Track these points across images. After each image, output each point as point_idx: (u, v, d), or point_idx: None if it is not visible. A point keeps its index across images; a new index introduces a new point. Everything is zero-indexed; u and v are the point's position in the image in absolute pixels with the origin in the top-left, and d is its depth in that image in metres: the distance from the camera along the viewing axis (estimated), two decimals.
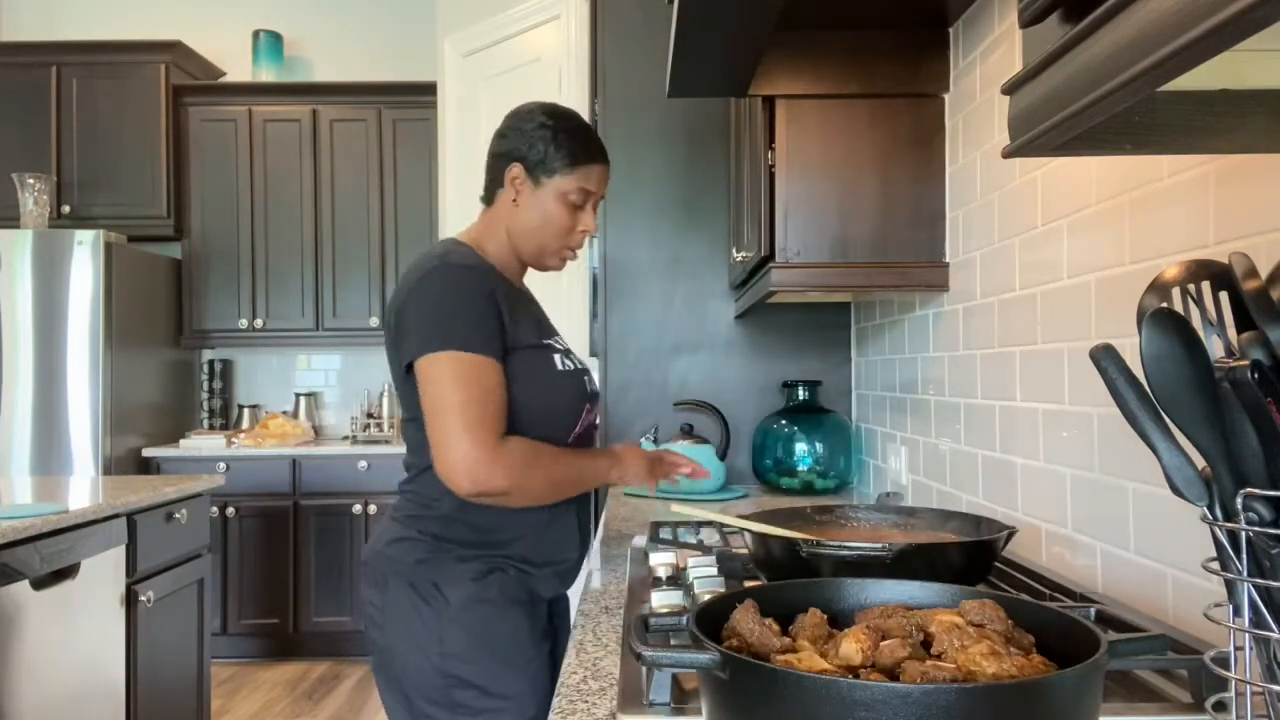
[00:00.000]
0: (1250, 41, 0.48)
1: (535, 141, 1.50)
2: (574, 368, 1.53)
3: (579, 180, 1.51)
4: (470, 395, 1.34)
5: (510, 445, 1.36)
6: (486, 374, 1.36)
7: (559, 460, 1.42)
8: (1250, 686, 0.67)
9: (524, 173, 1.51)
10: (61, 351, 4.10)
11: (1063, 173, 1.40)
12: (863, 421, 2.71)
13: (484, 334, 1.37)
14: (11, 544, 2.10)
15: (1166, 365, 0.65)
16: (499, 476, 1.33)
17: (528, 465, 1.37)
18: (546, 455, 1.40)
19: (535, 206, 1.51)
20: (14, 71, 4.55)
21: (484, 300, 1.39)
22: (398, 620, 1.43)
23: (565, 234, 1.53)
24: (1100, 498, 1.29)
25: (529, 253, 1.54)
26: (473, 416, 1.33)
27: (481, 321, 1.37)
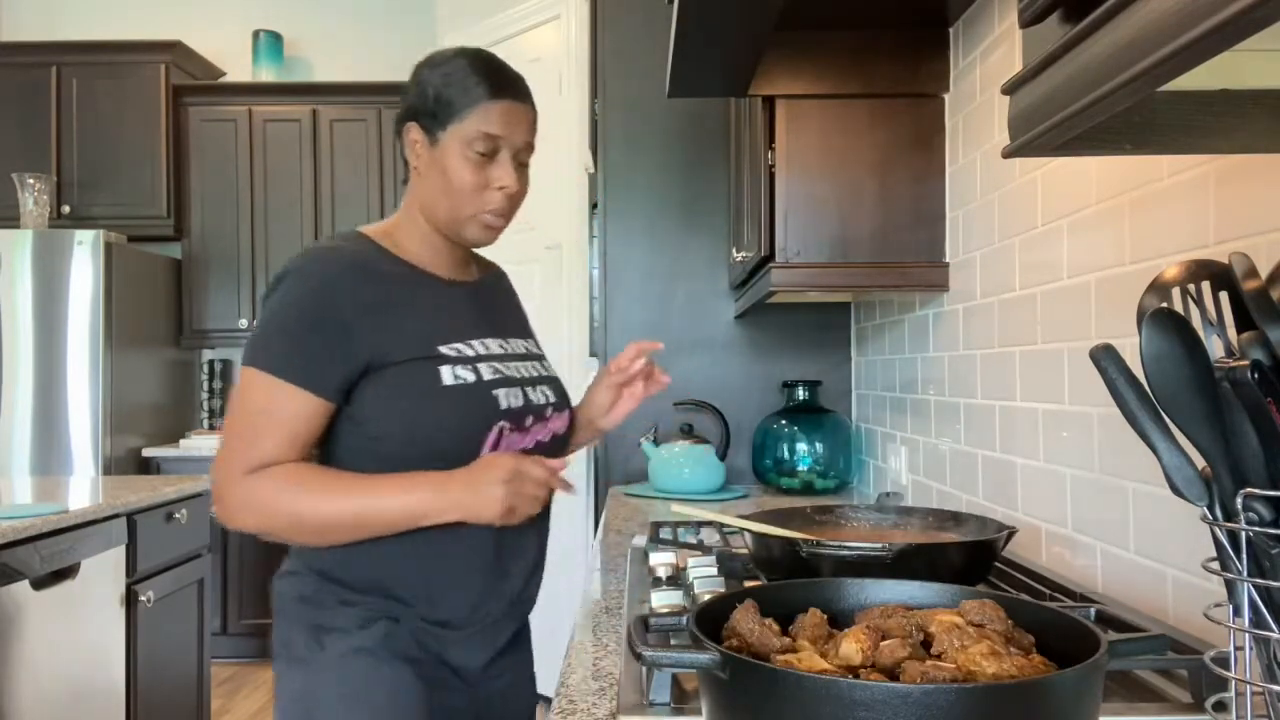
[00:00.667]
0: (1250, 41, 0.48)
1: (425, 90, 1.26)
2: (474, 380, 1.24)
3: (478, 123, 1.24)
4: (246, 422, 1.17)
5: (259, 479, 1.16)
6: (279, 401, 1.17)
7: (330, 496, 1.17)
8: (1250, 686, 0.67)
9: (421, 133, 1.27)
10: (61, 351, 4.10)
11: (1063, 173, 1.40)
12: (863, 421, 2.71)
13: (299, 356, 1.17)
14: (11, 544, 2.10)
15: (1166, 365, 0.65)
16: (232, 512, 1.17)
17: (268, 506, 1.16)
18: (313, 490, 1.17)
19: (437, 166, 1.26)
20: (14, 71, 4.55)
21: (318, 314, 1.18)
22: (283, 661, 1.25)
23: (475, 194, 1.26)
24: (1100, 498, 1.29)
25: (444, 225, 1.29)
26: (236, 444, 1.17)
27: (303, 340, 1.17)
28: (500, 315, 1.40)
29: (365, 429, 1.20)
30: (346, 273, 1.21)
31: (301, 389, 1.17)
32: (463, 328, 1.29)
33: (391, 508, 1.17)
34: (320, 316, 1.18)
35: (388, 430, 1.20)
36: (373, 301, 1.21)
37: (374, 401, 1.20)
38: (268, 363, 1.17)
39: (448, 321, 1.28)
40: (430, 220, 1.30)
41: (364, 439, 1.21)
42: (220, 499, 1.17)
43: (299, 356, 1.17)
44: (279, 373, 1.17)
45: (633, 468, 2.86)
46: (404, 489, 1.17)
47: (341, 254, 1.23)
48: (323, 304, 1.18)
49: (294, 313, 1.18)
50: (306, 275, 1.20)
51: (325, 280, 1.19)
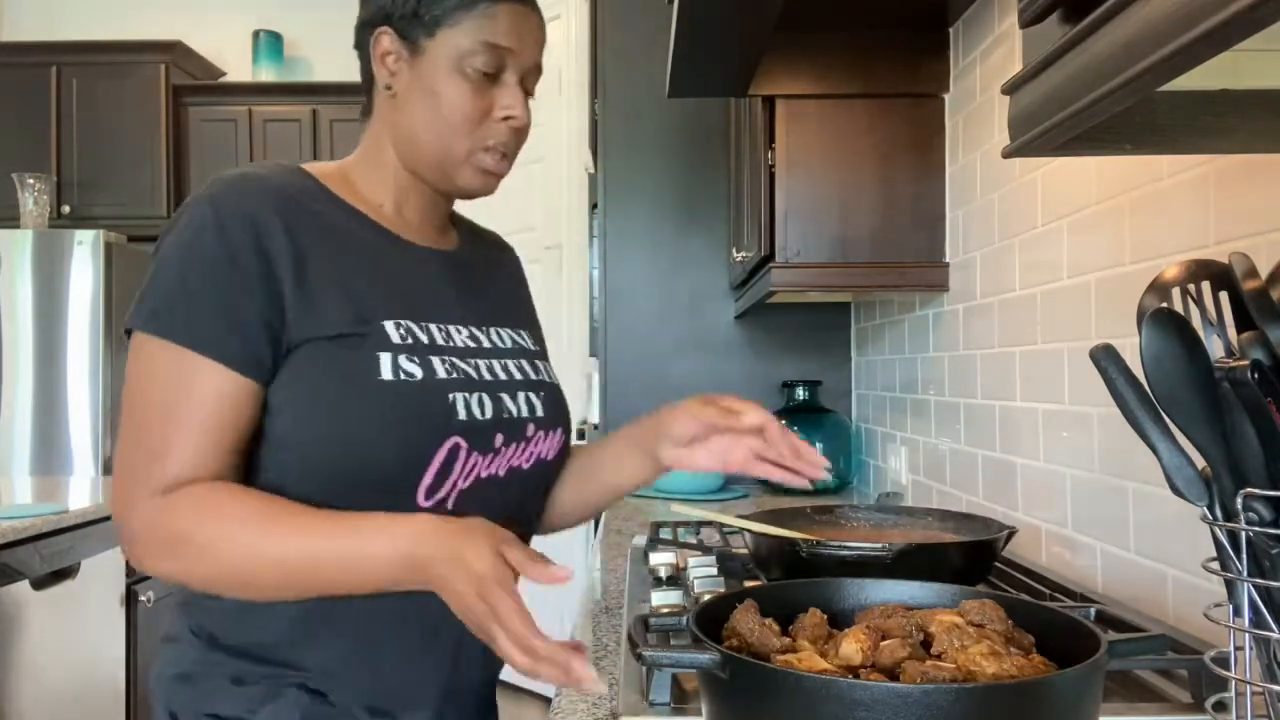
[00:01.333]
0: (1250, 41, 0.48)
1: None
2: (421, 376, 0.91)
3: (477, 30, 0.94)
4: (147, 417, 0.85)
5: (177, 501, 0.83)
6: (190, 382, 0.85)
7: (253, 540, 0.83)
8: (1250, 686, 0.67)
9: (397, 40, 0.96)
10: (61, 351, 4.10)
11: (1063, 173, 1.40)
12: (863, 421, 2.71)
13: (218, 315, 0.86)
14: (11, 544, 2.10)
15: (1166, 365, 0.65)
16: (142, 545, 0.85)
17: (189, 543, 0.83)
18: (249, 527, 0.83)
19: (423, 87, 0.95)
20: (14, 71, 4.55)
21: (237, 257, 0.86)
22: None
23: (473, 123, 0.96)
24: (1100, 498, 1.29)
25: (428, 168, 0.98)
26: (137, 453, 0.85)
27: (218, 294, 0.86)
28: (484, 297, 1.07)
29: (271, 426, 0.89)
30: (271, 205, 0.90)
31: (218, 362, 0.85)
32: (424, 306, 0.97)
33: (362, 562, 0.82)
34: (236, 261, 0.86)
35: (298, 434, 0.88)
36: (304, 248, 0.90)
37: (284, 389, 0.88)
38: (168, 328, 0.85)
39: (404, 294, 0.96)
40: (407, 160, 0.99)
41: (270, 442, 0.89)
42: (127, 533, 0.85)
43: (211, 315, 0.85)
44: (185, 340, 0.85)
45: None
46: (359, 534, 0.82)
47: (267, 183, 0.92)
48: (238, 244, 0.86)
49: (200, 256, 0.86)
50: (216, 207, 0.88)
51: (242, 214, 0.88)
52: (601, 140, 2.91)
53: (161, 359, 0.86)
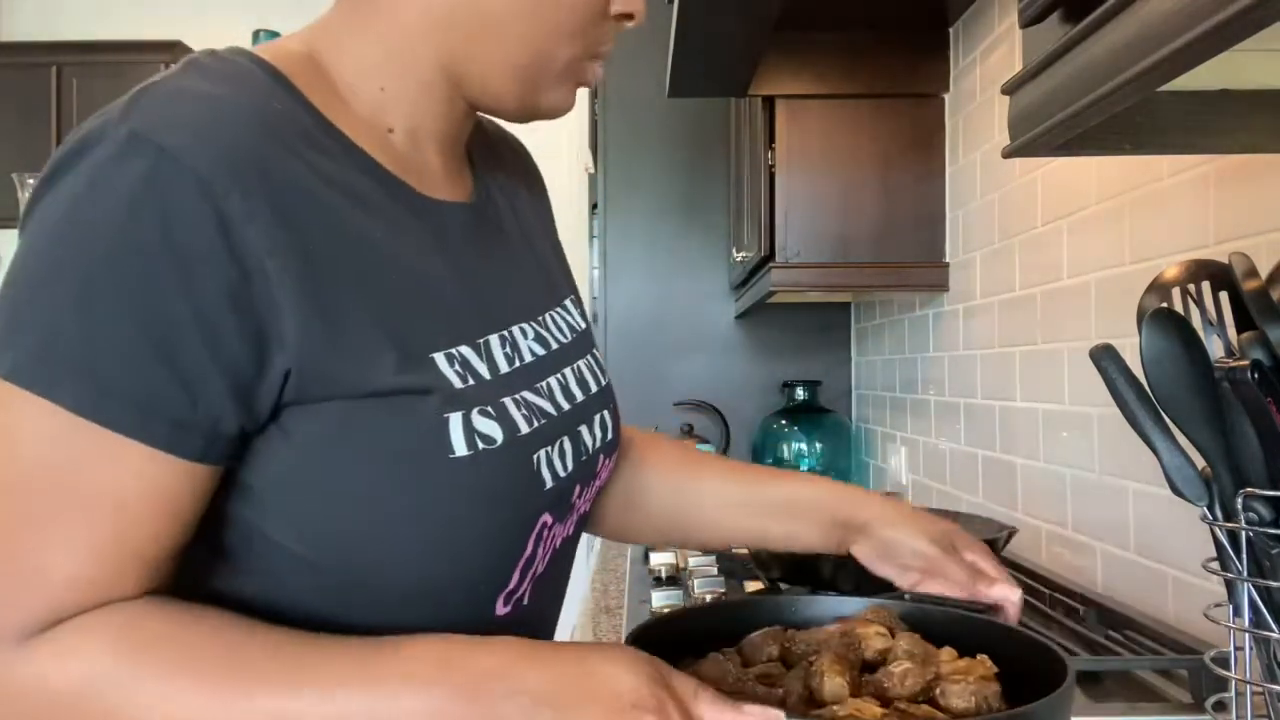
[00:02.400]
0: (1250, 41, 0.48)
1: None
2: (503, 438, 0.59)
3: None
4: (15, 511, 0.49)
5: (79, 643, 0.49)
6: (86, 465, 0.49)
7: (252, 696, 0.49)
8: (1250, 686, 0.67)
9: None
10: None
11: (1063, 173, 1.40)
12: (863, 421, 2.71)
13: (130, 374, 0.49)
14: None
15: (1166, 365, 0.65)
16: None
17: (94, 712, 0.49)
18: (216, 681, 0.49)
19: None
20: (14, 71, 4.55)
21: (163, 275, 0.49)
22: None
23: (597, 16, 0.66)
24: (1100, 498, 1.29)
25: (504, 74, 0.63)
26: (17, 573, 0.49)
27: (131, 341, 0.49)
28: (527, 261, 0.72)
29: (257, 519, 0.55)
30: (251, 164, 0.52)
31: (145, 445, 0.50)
32: (472, 306, 0.63)
33: None
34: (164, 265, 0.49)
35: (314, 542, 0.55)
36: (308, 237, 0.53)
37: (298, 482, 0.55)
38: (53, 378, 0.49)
39: (445, 294, 0.61)
40: (462, 60, 0.62)
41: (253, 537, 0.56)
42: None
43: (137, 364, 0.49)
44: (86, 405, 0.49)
45: None
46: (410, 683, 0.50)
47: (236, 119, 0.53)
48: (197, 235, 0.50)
49: (126, 252, 0.49)
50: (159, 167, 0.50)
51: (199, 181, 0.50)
52: (601, 140, 2.91)
53: (38, 425, 0.49)
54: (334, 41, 0.63)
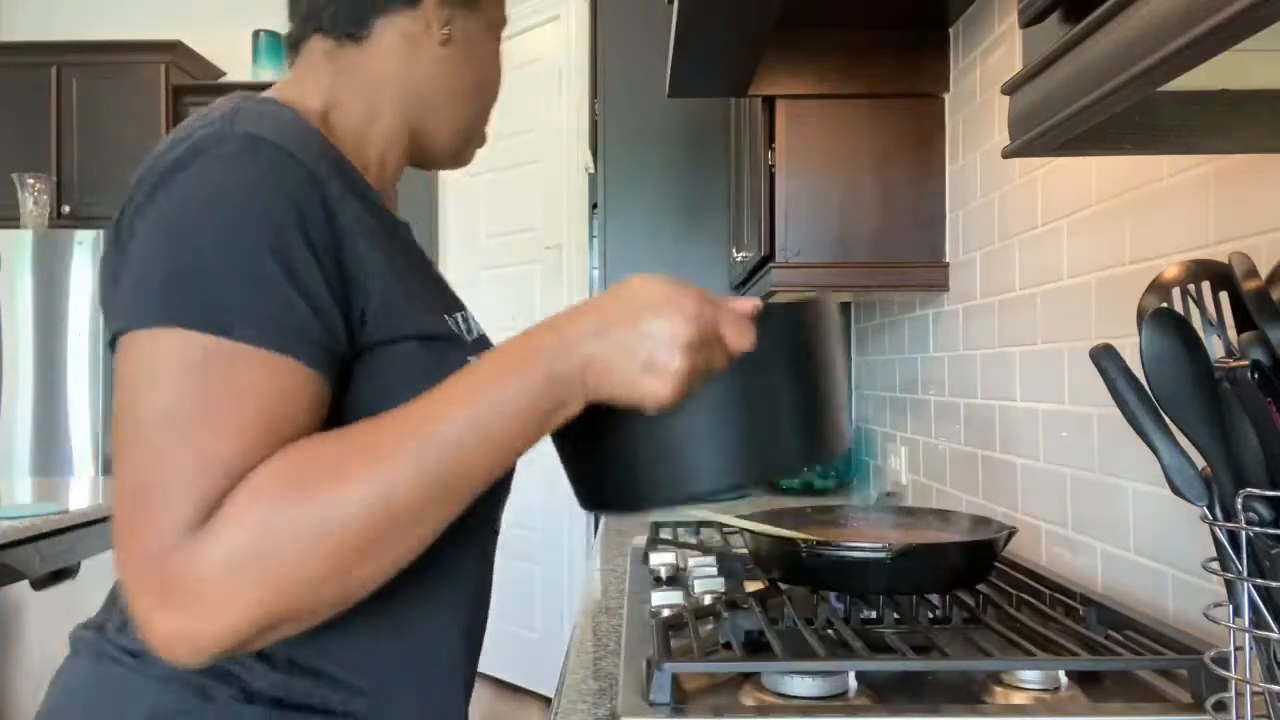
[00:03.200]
0: (1250, 41, 0.48)
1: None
2: None
3: (501, 6, 0.89)
4: (191, 428, 0.60)
5: (228, 521, 0.59)
6: (249, 384, 0.62)
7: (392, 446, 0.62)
8: (1250, 686, 0.67)
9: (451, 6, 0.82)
10: (61, 352, 4.10)
11: (1063, 173, 1.40)
12: (863, 421, 2.71)
13: (269, 302, 0.64)
14: (11, 544, 2.10)
15: (1166, 365, 0.65)
16: (214, 615, 0.58)
17: (293, 540, 0.59)
18: (355, 463, 0.62)
19: (479, 48, 0.86)
20: (14, 71, 4.55)
21: (292, 224, 0.65)
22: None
23: (494, 100, 0.91)
24: (1100, 498, 1.29)
25: (450, 135, 0.87)
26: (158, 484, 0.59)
27: (272, 268, 0.64)
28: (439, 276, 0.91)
29: None
30: (322, 162, 0.70)
31: (282, 356, 0.63)
32: (446, 292, 0.86)
33: (512, 408, 0.64)
34: (297, 225, 0.65)
35: None
36: (364, 221, 0.71)
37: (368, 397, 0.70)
38: (206, 314, 0.62)
39: (431, 280, 0.84)
40: (434, 119, 0.85)
41: None
42: (164, 600, 0.58)
43: (265, 295, 0.63)
44: (231, 329, 0.62)
45: None
46: (511, 372, 0.65)
47: (301, 127, 0.72)
48: (299, 202, 0.66)
49: (244, 214, 0.64)
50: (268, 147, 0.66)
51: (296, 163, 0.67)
52: (601, 140, 2.91)
53: (189, 355, 0.61)
54: (333, 103, 0.81)
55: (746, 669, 0.93)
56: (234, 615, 0.58)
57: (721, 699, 0.89)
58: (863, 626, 1.07)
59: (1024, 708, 0.86)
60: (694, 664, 0.93)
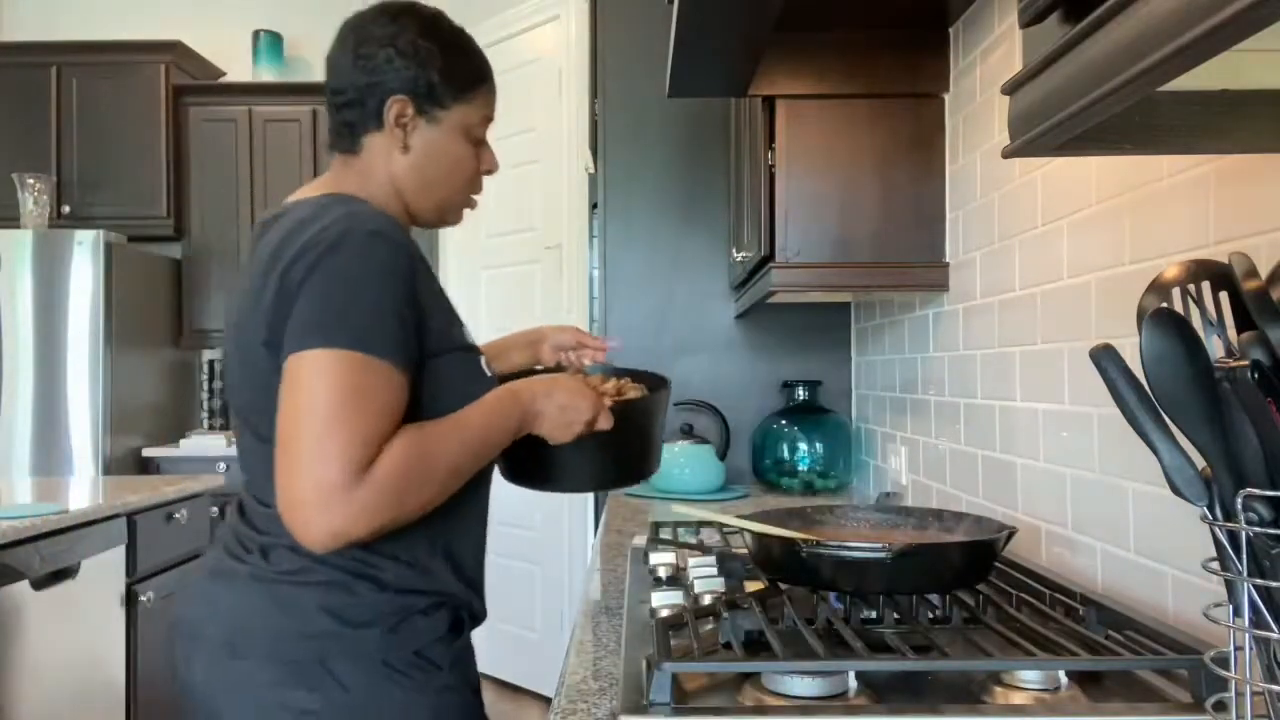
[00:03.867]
0: (1250, 41, 0.48)
1: (416, 64, 1.15)
2: (490, 374, 1.20)
3: (482, 107, 1.21)
4: (341, 410, 0.97)
5: (380, 465, 0.98)
6: (373, 381, 1.00)
7: (448, 446, 1.06)
8: (1250, 686, 0.67)
9: (412, 109, 1.16)
10: (61, 351, 4.10)
11: (1063, 173, 1.40)
12: (863, 421, 2.71)
13: (386, 326, 1.02)
14: (11, 544, 2.10)
15: (1166, 365, 0.65)
16: (360, 518, 0.96)
17: (405, 486, 1.00)
18: (431, 449, 1.04)
19: (436, 149, 1.18)
20: (14, 71, 4.55)
21: (403, 285, 1.05)
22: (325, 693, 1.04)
23: (472, 179, 1.24)
24: (1100, 498, 1.29)
25: (428, 209, 1.22)
26: (338, 436, 0.96)
27: (388, 309, 1.03)
28: None
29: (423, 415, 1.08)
30: (408, 239, 1.09)
31: (394, 366, 1.02)
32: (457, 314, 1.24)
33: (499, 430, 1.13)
34: (405, 287, 1.05)
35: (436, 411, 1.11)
36: (426, 276, 1.10)
37: (431, 391, 1.09)
38: (354, 340, 1.00)
39: (450, 306, 1.21)
40: (412, 200, 1.21)
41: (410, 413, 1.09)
42: (331, 507, 0.95)
43: (387, 327, 1.02)
44: (369, 349, 1.00)
45: None
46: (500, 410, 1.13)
47: (391, 220, 1.10)
48: (405, 273, 1.05)
49: (377, 281, 1.03)
50: (384, 240, 1.05)
51: (402, 247, 1.07)
52: (601, 140, 2.91)
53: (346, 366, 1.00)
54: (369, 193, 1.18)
55: (746, 669, 0.93)
56: (370, 523, 0.98)
57: (721, 699, 0.89)
58: (863, 626, 1.07)
59: (1024, 708, 0.86)
60: (694, 664, 0.93)
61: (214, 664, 1.09)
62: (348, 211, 1.07)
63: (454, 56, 1.18)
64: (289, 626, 1.06)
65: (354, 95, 1.17)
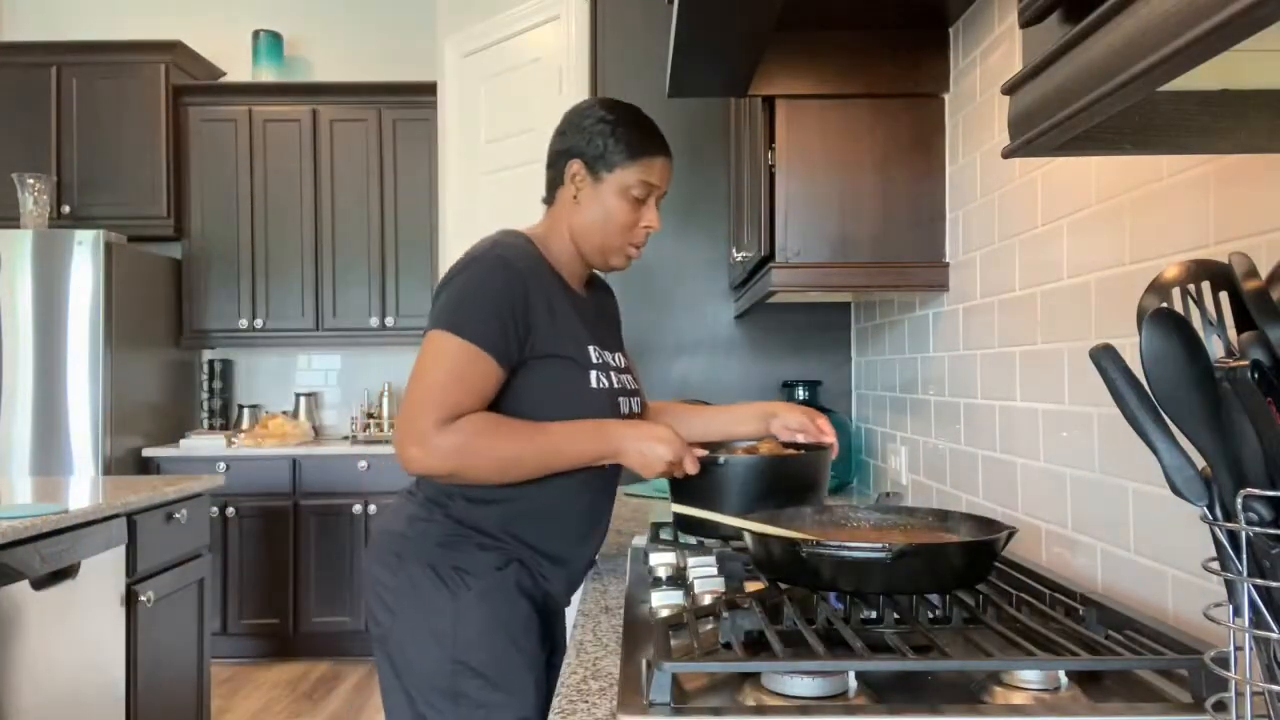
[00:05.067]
0: (1250, 41, 0.48)
1: (594, 136, 1.49)
2: (610, 386, 1.49)
3: (640, 173, 1.49)
4: (440, 377, 1.34)
5: (457, 426, 1.33)
6: (469, 362, 1.35)
7: (517, 439, 1.37)
8: (1250, 686, 0.67)
9: (584, 168, 1.49)
10: (61, 351, 4.10)
11: (1063, 173, 1.40)
12: (863, 421, 2.71)
13: (490, 327, 1.36)
14: (11, 544, 2.10)
15: (1166, 365, 0.65)
16: (434, 456, 1.33)
17: (470, 449, 1.34)
18: (502, 434, 1.37)
19: (596, 202, 1.49)
20: (14, 71, 4.55)
21: (508, 296, 1.38)
22: (411, 601, 1.42)
23: (627, 230, 1.50)
24: (1100, 498, 1.29)
25: (590, 251, 1.52)
26: (434, 395, 1.33)
27: (494, 314, 1.36)
28: (605, 330, 1.61)
29: (510, 404, 1.40)
30: (528, 266, 1.43)
31: (490, 355, 1.36)
32: (593, 334, 1.52)
33: (577, 449, 1.40)
34: (508, 298, 1.38)
35: (541, 416, 1.40)
36: (542, 295, 1.43)
37: (531, 387, 1.41)
38: (463, 329, 1.35)
39: (586, 327, 1.51)
40: (577, 243, 1.52)
41: (507, 411, 1.40)
42: (420, 443, 1.32)
43: (490, 328, 1.36)
44: (474, 339, 1.35)
45: None
46: (573, 436, 1.40)
47: (523, 250, 1.46)
48: (511, 287, 1.39)
49: (487, 290, 1.38)
50: (505, 263, 1.41)
51: (513, 268, 1.40)
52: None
53: (452, 347, 1.35)
54: (544, 234, 1.54)
55: (746, 669, 0.93)
56: (440, 465, 1.34)
57: (721, 699, 0.89)
58: (863, 626, 1.07)
59: (1024, 708, 0.86)
60: (694, 664, 0.93)
61: (369, 545, 1.55)
62: (490, 242, 1.45)
63: (624, 130, 1.49)
64: (392, 526, 1.50)
65: (551, 159, 1.54)
